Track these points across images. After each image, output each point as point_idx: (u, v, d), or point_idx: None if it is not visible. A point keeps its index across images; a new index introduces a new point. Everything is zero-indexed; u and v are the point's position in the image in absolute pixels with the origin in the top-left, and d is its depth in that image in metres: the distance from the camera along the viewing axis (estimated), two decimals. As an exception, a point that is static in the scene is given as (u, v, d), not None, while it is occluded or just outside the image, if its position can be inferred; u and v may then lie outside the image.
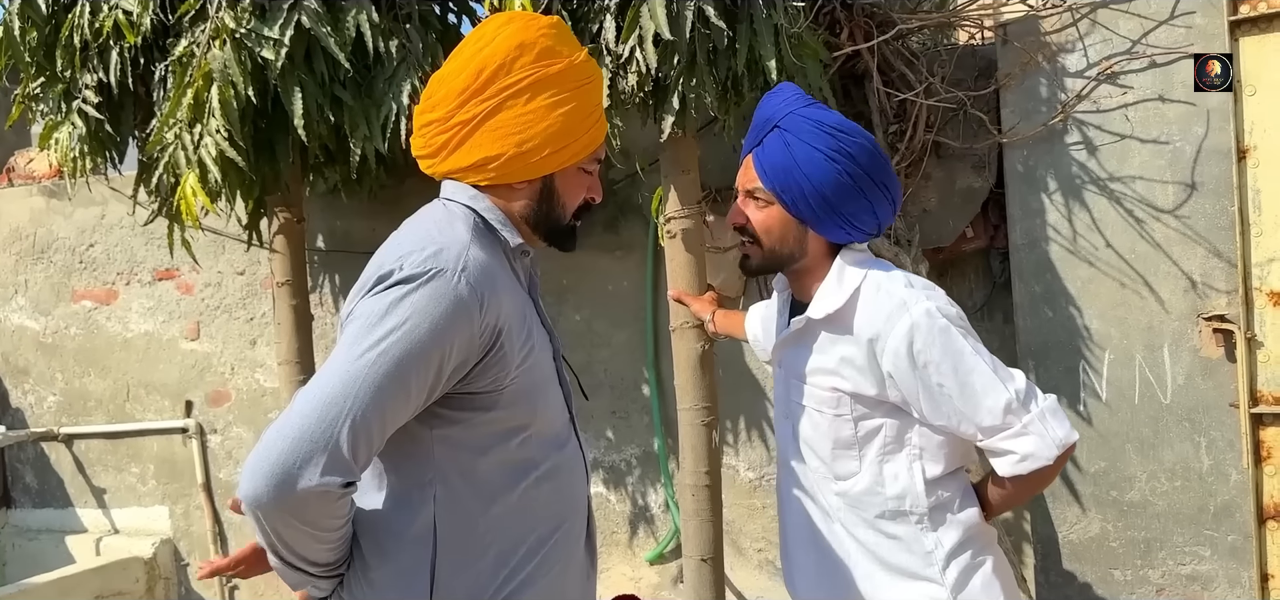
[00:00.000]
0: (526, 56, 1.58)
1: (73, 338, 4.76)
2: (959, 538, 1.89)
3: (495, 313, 1.52)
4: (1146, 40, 3.03)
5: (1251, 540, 2.97)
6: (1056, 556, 3.24)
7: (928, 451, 1.89)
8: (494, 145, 1.60)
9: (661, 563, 3.91)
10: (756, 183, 1.94)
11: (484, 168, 1.62)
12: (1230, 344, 2.97)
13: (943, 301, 1.86)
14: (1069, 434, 1.81)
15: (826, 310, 1.91)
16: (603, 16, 2.74)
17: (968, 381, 1.79)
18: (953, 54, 3.37)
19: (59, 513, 4.86)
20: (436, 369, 1.47)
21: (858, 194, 1.88)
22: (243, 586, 4.58)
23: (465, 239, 1.55)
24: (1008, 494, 1.91)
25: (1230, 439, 2.99)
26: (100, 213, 4.67)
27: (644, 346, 3.82)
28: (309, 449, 1.37)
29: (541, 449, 1.65)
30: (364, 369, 1.41)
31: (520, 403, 1.60)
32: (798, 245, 1.95)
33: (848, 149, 1.86)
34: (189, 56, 2.95)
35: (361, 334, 1.44)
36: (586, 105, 1.64)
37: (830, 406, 1.92)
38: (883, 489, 1.90)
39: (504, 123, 1.59)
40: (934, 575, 1.88)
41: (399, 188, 4.03)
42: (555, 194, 1.68)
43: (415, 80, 2.93)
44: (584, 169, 1.70)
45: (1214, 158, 2.97)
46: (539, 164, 1.62)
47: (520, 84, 1.58)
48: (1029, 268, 3.21)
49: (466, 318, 1.47)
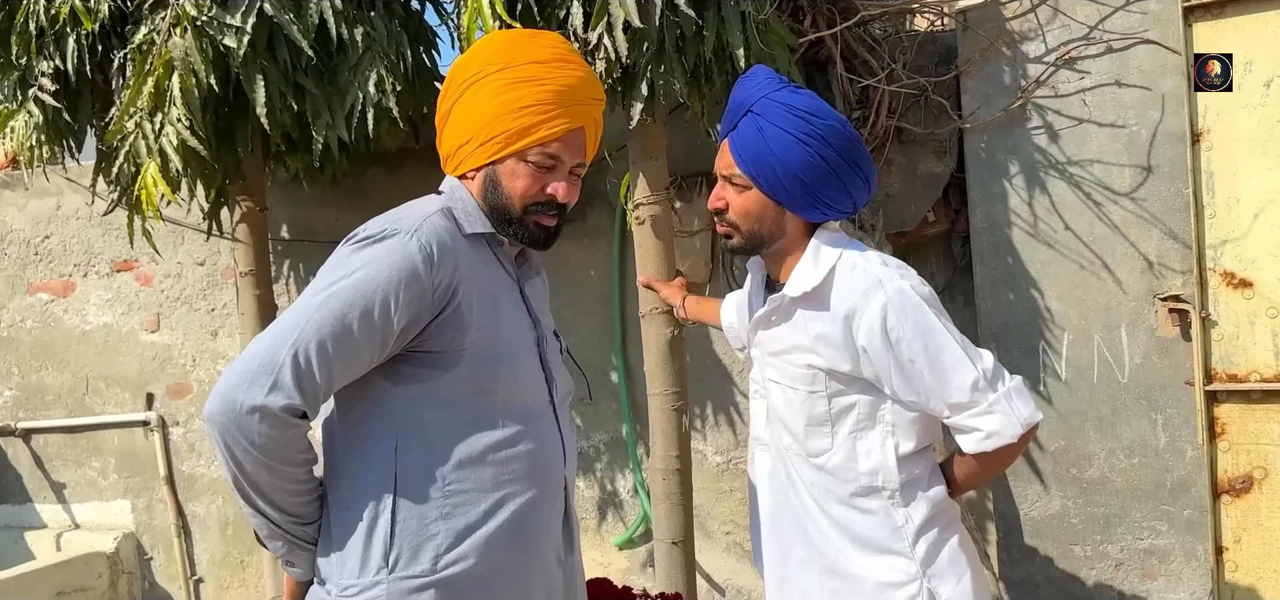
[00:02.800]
0: (487, 52, 1.74)
1: (29, 331, 4.68)
2: (927, 513, 1.94)
3: (449, 272, 1.63)
4: (1103, 26, 3.09)
5: (1207, 514, 3.04)
6: (1018, 533, 3.30)
7: (899, 428, 1.93)
8: (455, 136, 1.75)
9: (630, 547, 3.93)
10: (733, 167, 1.96)
11: (450, 160, 1.78)
12: (1186, 323, 3.04)
13: (916, 281, 1.90)
14: (1033, 414, 1.86)
15: (803, 288, 1.93)
16: (570, 2, 2.74)
17: (938, 359, 1.84)
18: (914, 41, 3.41)
19: (17, 508, 4.78)
20: (383, 317, 1.58)
21: (831, 176, 1.91)
22: (208, 580, 4.54)
23: (427, 212, 1.68)
24: (973, 471, 1.96)
25: (1186, 416, 3.06)
26: (56, 204, 4.59)
27: (611, 333, 3.83)
28: (255, 370, 1.54)
29: (509, 417, 1.72)
30: (313, 307, 1.57)
31: (481, 364, 1.69)
32: (775, 226, 1.98)
33: (819, 132, 1.89)
34: (149, 44, 2.91)
35: (318, 281, 1.62)
36: (531, 97, 1.70)
37: (805, 383, 1.95)
38: (856, 465, 1.94)
39: (462, 115, 1.74)
40: (904, 549, 1.93)
41: (361, 176, 4.01)
42: (498, 183, 1.74)
43: (381, 69, 2.91)
44: (527, 160, 1.73)
45: (1169, 141, 3.03)
46: (478, 151, 1.73)
47: (476, 76, 1.72)
48: (989, 251, 3.26)
49: (413, 272, 1.59)
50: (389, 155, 3.92)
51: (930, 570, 1.92)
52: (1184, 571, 3.13)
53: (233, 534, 4.48)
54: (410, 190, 3.93)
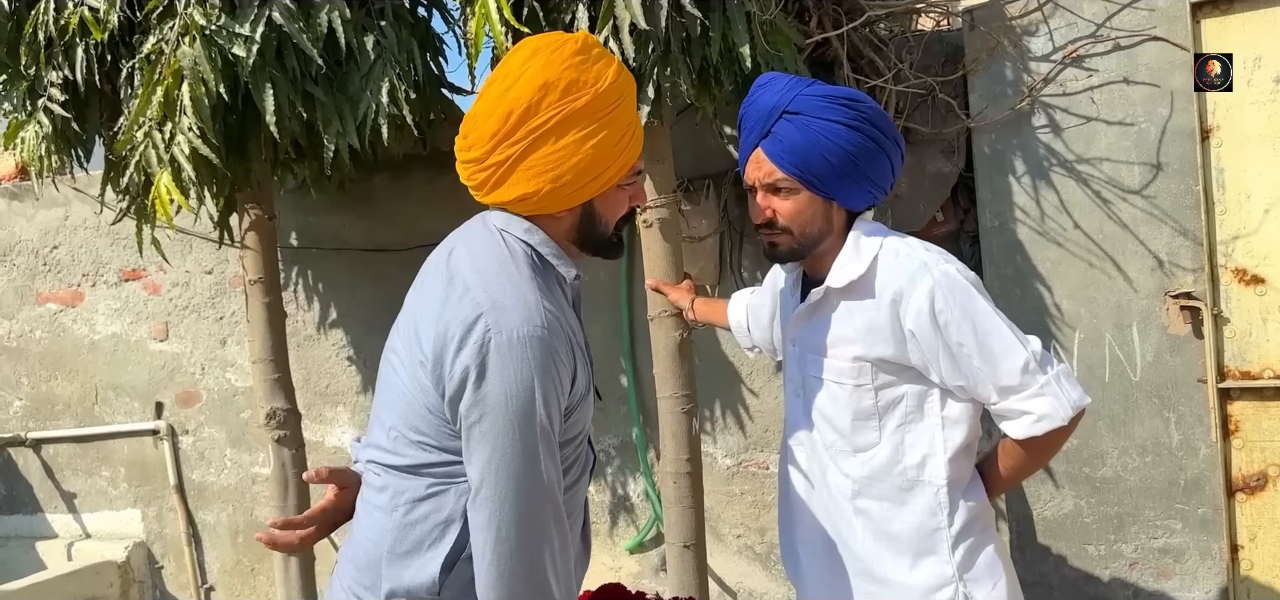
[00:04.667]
0: (552, 95, 1.59)
1: (38, 341, 4.69)
2: (967, 519, 1.93)
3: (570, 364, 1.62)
4: (1110, 23, 3.08)
5: (1221, 512, 3.03)
6: (1031, 533, 3.29)
7: (948, 421, 1.93)
8: (530, 183, 1.62)
9: (641, 551, 3.93)
10: (776, 172, 1.94)
11: (525, 202, 1.65)
12: (1197, 321, 3.03)
13: (961, 265, 1.92)
14: (1082, 397, 1.87)
15: (848, 278, 1.93)
16: (575, 6, 2.73)
17: (987, 342, 1.84)
18: (920, 40, 3.40)
19: (28, 518, 4.79)
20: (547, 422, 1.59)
21: (879, 153, 1.92)
22: (219, 588, 4.54)
23: (527, 296, 1.59)
24: (1019, 462, 1.95)
25: (1198, 414, 3.05)
26: (63, 214, 4.60)
27: (620, 337, 3.83)
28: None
29: (579, 440, 1.74)
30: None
31: (582, 413, 1.71)
32: (825, 223, 1.97)
33: (866, 114, 1.91)
34: (157, 54, 2.92)
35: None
36: (618, 129, 1.64)
37: (851, 377, 1.95)
38: (903, 459, 1.93)
39: (537, 162, 1.61)
40: (942, 552, 1.92)
41: (367, 183, 4.01)
42: (596, 216, 1.72)
43: (393, 77, 2.92)
44: (623, 185, 1.72)
45: (1178, 138, 3.02)
46: (576, 194, 1.65)
47: (547, 124, 1.59)
48: (999, 250, 3.26)
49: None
50: (395, 162, 3.93)
51: (968, 575, 1.92)
52: (1199, 570, 3.11)
53: (243, 542, 4.48)
54: (416, 197, 3.98)
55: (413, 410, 1.61)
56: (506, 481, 1.52)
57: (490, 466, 1.52)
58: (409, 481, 1.63)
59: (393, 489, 1.64)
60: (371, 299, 4.14)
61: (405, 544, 1.61)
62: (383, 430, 1.68)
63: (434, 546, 1.60)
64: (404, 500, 1.62)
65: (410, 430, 1.61)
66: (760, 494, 3.73)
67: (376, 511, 1.66)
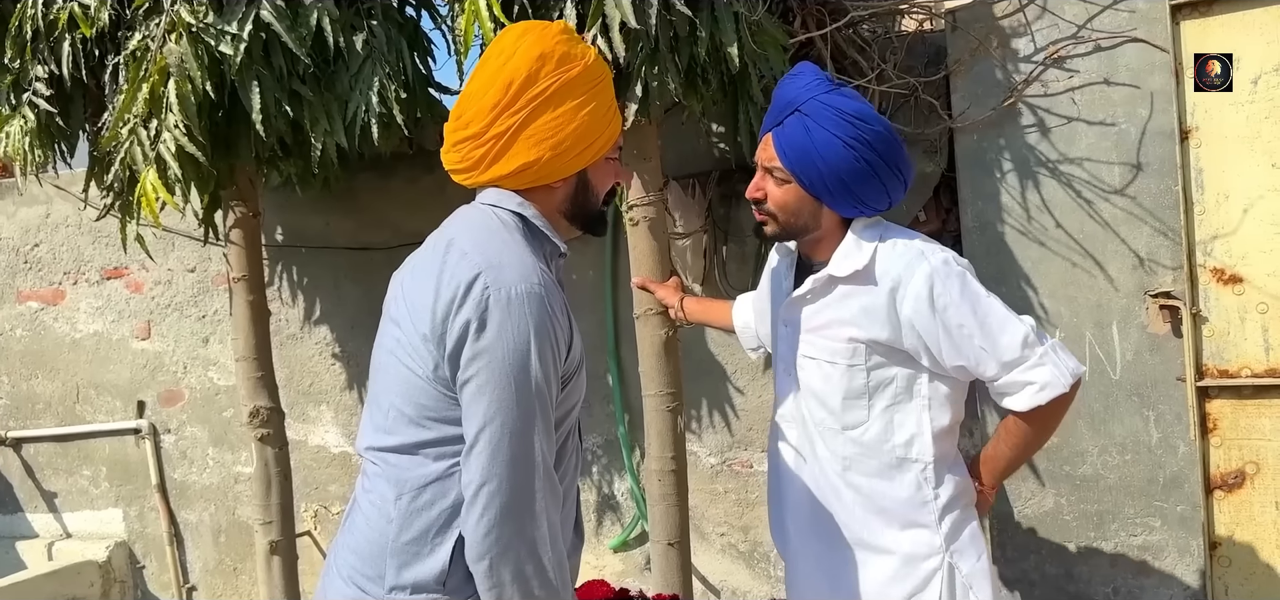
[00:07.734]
0: (548, 65, 1.68)
1: (19, 339, 4.66)
2: (953, 492, 2.04)
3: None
4: (1091, 25, 3.12)
5: (1200, 510, 3.07)
6: (1013, 531, 3.32)
7: (935, 402, 2.02)
8: (531, 152, 1.70)
9: (626, 550, 3.94)
10: (775, 161, 2.04)
11: (525, 173, 1.72)
12: (1176, 320, 3.06)
13: (956, 254, 2.01)
14: (1078, 365, 1.99)
15: (851, 268, 2.01)
16: (563, 4, 2.74)
17: (986, 320, 1.94)
18: (903, 41, 3.43)
19: (8, 518, 4.76)
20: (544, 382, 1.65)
21: (872, 177, 1.98)
22: (201, 588, 4.52)
23: (526, 263, 1.65)
24: (1022, 439, 2.05)
25: (1178, 412, 3.09)
26: (45, 211, 4.58)
27: (604, 335, 3.83)
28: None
29: (572, 425, 1.79)
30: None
31: (575, 390, 1.76)
32: (812, 219, 2.06)
33: (866, 137, 1.96)
34: (144, 50, 2.91)
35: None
36: (605, 101, 1.76)
37: (844, 357, 2.03)
38: (891, 437, 2.02)
39: (537, 130, 1.69)
40: (930, 523, 2.02)
41: (352, 181, 4.01)
42: (589, 185, 1.81)
43: (382, 76, 2.92)
44: (610, 157, 1.82)
45: (1158, 139, 3.05)
46: (573, 161, 1.74)
47: (547, 92, 1.68)
48: (981, 249, 3.28)
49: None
50: (380, 161, 3.93)
51: (954, 546, 2.02)
52: (1177, 566, 3.15)
53: (226, 541, 4.46)
54: (401, 195, 3.97)
55: (413, 386, 1.64)
56: (502, 433, 1.56)
57: (487, 417, 1.56)
58: (408, 464, 1.65)
59: (394, 475, 1.66)
60: (355, 298, 4.13)
61: (410, 533, 1.63)
62: (380, 412, 1.70)
63: (441, 535, 1.62)
64: (408, 487, 1.64)
65: (410, 406, 1.65)
66: (744, 492, 3.75)
67: (379, 498, 1.67)
